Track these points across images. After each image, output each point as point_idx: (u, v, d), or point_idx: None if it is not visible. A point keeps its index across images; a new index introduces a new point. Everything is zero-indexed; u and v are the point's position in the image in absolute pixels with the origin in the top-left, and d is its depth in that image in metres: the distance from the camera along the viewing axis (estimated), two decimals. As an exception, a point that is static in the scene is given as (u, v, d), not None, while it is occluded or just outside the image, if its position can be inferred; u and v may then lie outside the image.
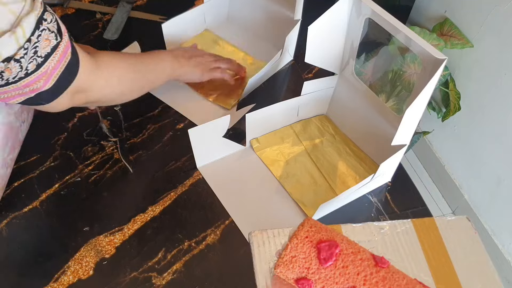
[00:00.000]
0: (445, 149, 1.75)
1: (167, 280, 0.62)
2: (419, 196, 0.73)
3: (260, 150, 0.77)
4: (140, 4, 1.02)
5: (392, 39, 1.33)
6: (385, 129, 0.71)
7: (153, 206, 0.69)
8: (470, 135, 1.59)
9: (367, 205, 0.72)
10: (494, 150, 1.49)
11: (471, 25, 1.43)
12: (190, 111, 0.82)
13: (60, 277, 0.61)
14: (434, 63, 0.56)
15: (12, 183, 0.71)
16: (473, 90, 1.50)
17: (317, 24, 0.66)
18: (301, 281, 0.49)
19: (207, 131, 0.70)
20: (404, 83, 1.32)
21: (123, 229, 0.67)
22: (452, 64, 1.54)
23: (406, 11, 1.62)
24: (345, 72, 0.75)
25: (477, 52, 1.44)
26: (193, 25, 0.92)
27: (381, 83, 1.35)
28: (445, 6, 1.52)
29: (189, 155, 0.74)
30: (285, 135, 0.79)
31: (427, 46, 0.57)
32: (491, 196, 1.56)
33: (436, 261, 0.54)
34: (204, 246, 0.66)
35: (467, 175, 1.66)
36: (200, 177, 0.73)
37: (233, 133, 0.78)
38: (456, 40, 1.45)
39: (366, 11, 0.64)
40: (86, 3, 1.00)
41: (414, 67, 1.30)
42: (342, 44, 0.71)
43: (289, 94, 0.86)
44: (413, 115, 0.62)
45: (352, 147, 0.78)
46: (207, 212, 0.69)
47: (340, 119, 0.80)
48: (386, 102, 1.29)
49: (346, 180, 0.74)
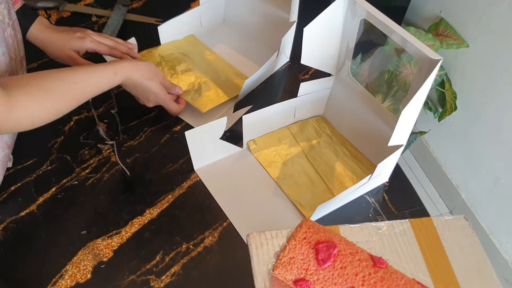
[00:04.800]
0: (442, 149, 1.76)
1: (165, 282, 0.62)
2: (417, 196, 0.74)
3: (257, 152, 0.77)
4: (136, 7, 1.02)
5: (388, 39, 1.33)
6: (382, 129, 0.71)
7: (150, 208, 0.69)
8: (467, 135, 1.59)
9: (364, 205, 0.72)
10: (491, 149, 1.50)
11: (467, 25, 1.43)
12: (186, 114, 0.82)
13: (58, 281, 0.61)
14: (429, 63, 0.57)
15: (9, 187, 0.70)
16: (469, 89, 1.51)
17: (313, 26, 0.66)
18: (300, 283, 0.49)
19: (204, 133, 0.70)
20: (400, 83, 1.32)
21: (120, 232, 0.66)
22: (448, 64, 1.54)
23: (401, 11, 1.63)
24: (341, 73, 0.75)
25: (473, 52, 1.45)
26: (189, 27, 0.92)
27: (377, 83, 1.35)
28: (440, 6, 1.52)
29: (186, 157, 0.74)
30: (282, 136, 0.79)
31: (422, 47, 0.57)
32: (488, 196, 1.56)
33: (434, 261, 0.54)
34: (202, 248, 0.66)
35: (464, 175, 1.67)
36: (198, 179, 0.73)
37: (230, 135, 0.78)
38: (452, 40, 1.45)
39: (361, 12, 0.64)
40: (81, 6, 1.00)
41: (410, 68, 1.30)
42: (338, 45, 0.72)
43: (285, 95, 0.86)
44: (410, 115, 0.62)
45: (349, 148, 0.78)
46: (204, 214, 0.69)
47: (336, 120, 0.80)
48: (383, 102, 1.30)
49: (344, 180, 0.74)
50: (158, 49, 0.89)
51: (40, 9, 0.97)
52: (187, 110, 0.82)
